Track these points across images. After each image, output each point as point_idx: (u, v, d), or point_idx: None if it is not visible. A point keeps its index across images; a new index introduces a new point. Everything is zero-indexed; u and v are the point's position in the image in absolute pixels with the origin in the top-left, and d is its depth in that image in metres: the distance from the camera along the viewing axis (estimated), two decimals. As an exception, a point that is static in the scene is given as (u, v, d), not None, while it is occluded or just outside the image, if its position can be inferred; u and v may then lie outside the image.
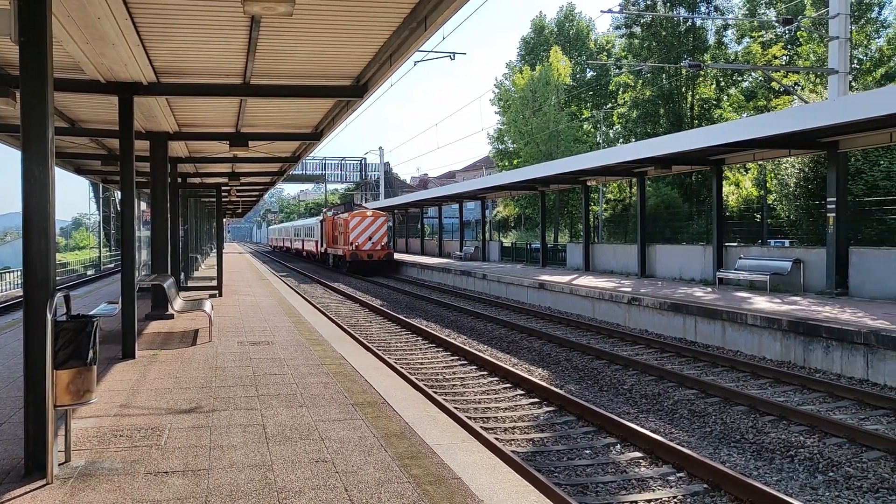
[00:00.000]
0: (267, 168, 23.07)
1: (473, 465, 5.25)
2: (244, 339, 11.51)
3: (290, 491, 4.77)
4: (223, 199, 28.79)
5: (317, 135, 15.46)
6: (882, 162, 19.97)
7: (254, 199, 45.50)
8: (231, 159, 19.37)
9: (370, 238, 38.97)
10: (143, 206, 26.00)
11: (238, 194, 35.41)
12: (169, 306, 12.62)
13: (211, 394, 7.61)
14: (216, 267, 19.97)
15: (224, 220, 69.40)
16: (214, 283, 19.61)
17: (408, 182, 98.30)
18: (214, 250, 28.17)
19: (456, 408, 9.84)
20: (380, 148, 66.74)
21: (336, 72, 10.39)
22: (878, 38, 35.85)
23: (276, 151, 18.62)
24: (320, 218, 51.60)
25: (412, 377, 11.64)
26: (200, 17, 7.62)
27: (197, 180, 25.83)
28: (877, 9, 36.11)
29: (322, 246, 48.64)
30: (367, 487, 4.80)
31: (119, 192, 19.18)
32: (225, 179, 24.94)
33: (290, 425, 6.37)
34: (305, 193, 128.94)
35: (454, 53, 30.32)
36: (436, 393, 10.73)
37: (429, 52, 29.57)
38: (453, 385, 11.71)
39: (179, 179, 20.27)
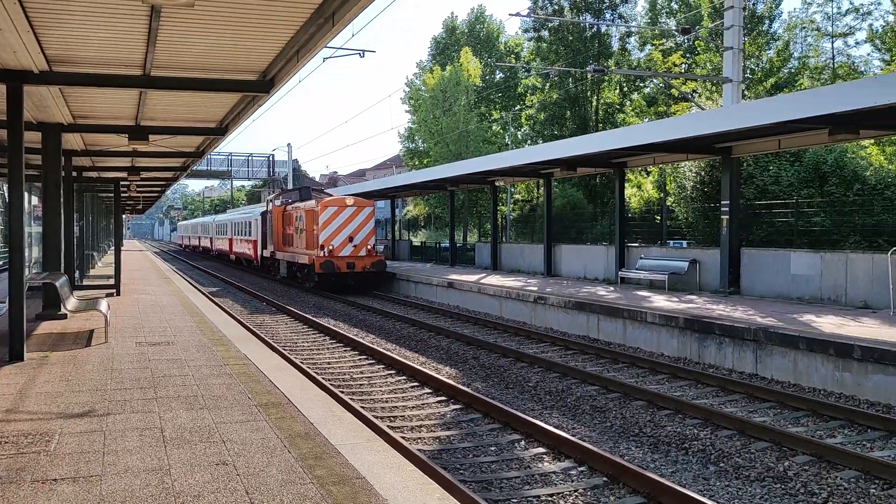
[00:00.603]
0: (169, 163, 22.33)
1: (378, 465, 5.24)
2: (143, 339, 11.11)
3: (189, 495, 4.63)
4: (122, 195, 27.69)
5: (221, 130, 15.07)
6: (771, 167, 21.06)
7: (156, 194, 43.96)
8: (131, 153, 18.65)
9: (351, 238, 26.64)
10: (35, 200, 24.72)
11: (138, 189, 34.11)
12: (62, 306, 12.03)
13: (106, 397, 7.30)
14: (114, 265, 19.20)
15: (124, 216, 66.55)
16: (112, 281, 18.85)
17: (317, 180, 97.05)
18: (113, 248, 27.05)
19: (363, 407, 9.80)
20: (288, 145, 65.69)
21: (241, 66, 10.16)
22: (769, 49, 37.79)
23: (179, 146, 18.06)
24: (261, 208, 38.86)
25: (318, 377, 11.51)
26: (96, 4, 7.31)
27: (94, 174, 24.74)
28: (767, 21, 38.06)
29: (265, 248, 35.26)
30: (268, 490, 4.72)
31: (7, 186, 18.17)
32: (124, 174, 23.95)
33: (189, 428, 6.18)
34: (211, 190, 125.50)
35: (364, 51, 30.26)
36: (342, 392, 10.65)
37: (338, 48, 29.27)
38: (360, 384, 11.65)
39: (74, 173, 19.36)
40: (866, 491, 6.83)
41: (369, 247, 27.09)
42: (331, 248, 26.40)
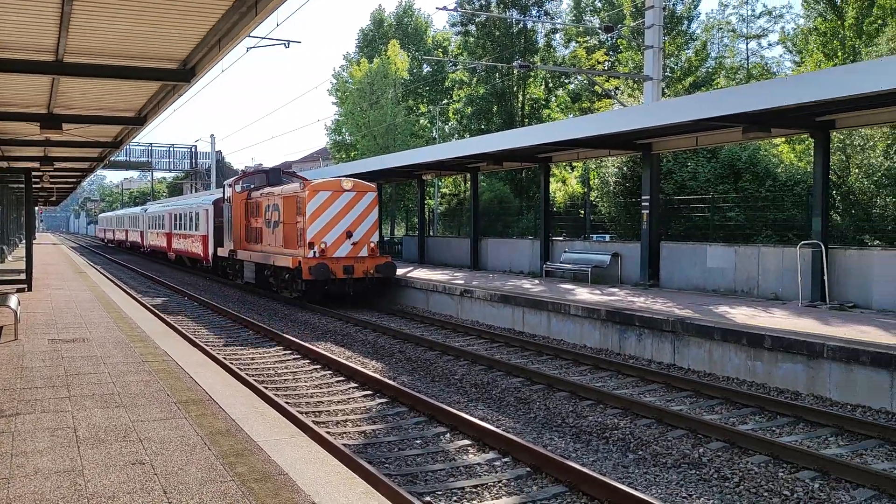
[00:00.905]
0: (85, 153, 21.53)
1: (302, 460, 5.19)
2: (56, 336, 10.69)
3: (103, 496, 4.49)
4: (34, 186, 26.58)
5: (140, 119, 14.63)
6: (689, 164, 21.72)
7: (71, 186, 42.37)
8: (43, 142, 17.90)
9: (349, 234, 20.44)
10: (-62, 191, 23.47)
11: (52, 180, 32.79)
12: (-33, 302, 11.46)
13: (14, 396, 7.00)
14: (25, 259, 18.39)
15: (36, 208, 63.65)
16: (23, 275, 18.06)
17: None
18: (24, 241, 25.73)
19: (287, 403, 9.68)
20: (211, 135, 64.22)
21: (161, 53, 9.88)
22: (688, 49, 38.95)
23: (95, 136, 17.43)
24: (212, 195, 32.40)
25: (242, 373, 11.32)
26: (3, -15, 6.99)
27: (3, 164, 23.64)
28: (686, 22, 39.21)
29: (221, 245, 27.71)
30: (187, 489, 4.62)
31: None
32: (36, 164, 22.98)
33: (105, 427, 5.99)
34: (130, 182, 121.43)
35: (289, 41, 29.56)
36: (266, 388, 10.49)
37: (262, 38, 28.60)
38: (285, 380, 11.51)
39: (-19, 163, 18.49)
40: (775, 475, 7.14)
41: (372, 244, 20.86)
42: (322, 246, 20.02)
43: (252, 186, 25.68)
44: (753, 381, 11.07)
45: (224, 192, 27.93)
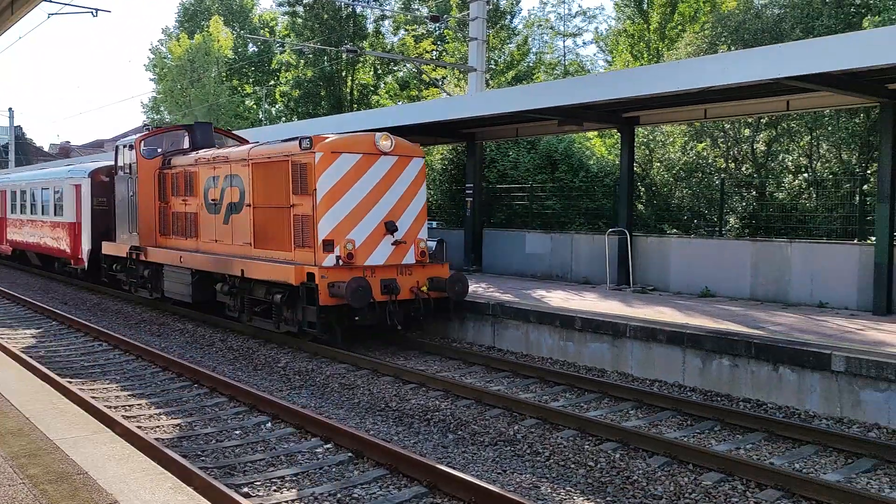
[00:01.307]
0: None
1: (104, 458, 4.88)
2: None
3: None
4: None
5: (-82, 87, 13.05)
6: (511, 153, 22.57)
7: None
8: None
9: (391, 227, 12.35)
10: None
11: None
12: None
13: None
14: None
15: None
16: None
17: (46, 150, 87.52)
18: None
19: (94, 397, 9.08)
20: (9, 109, 58.43)
21: (-59, 15, 8.86)
22: (511, 43, 40.41)
23: None
24: (86, 165, 22.23)
25: (41, 367, 10.44)
26: None
27: None
28: (509, 17, 40.65)
29: (110, 239, 18.29)
30: (-31, 495, 4.21)
31: None
32: None
33: None
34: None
35: (97, 10, 27.15)
36: (70, 382, 9.78)
37: (65, 4, 26.12)
38: (92, 373, 10.79)
39: None
40: (581, 447, 7.61)
41: (421, 244, 13.02)
42: (349, 247, 11.90)
43: (159, 150, 17.07)
44: (566, 360, 11.72)
45: (117, 159, 17.87)
